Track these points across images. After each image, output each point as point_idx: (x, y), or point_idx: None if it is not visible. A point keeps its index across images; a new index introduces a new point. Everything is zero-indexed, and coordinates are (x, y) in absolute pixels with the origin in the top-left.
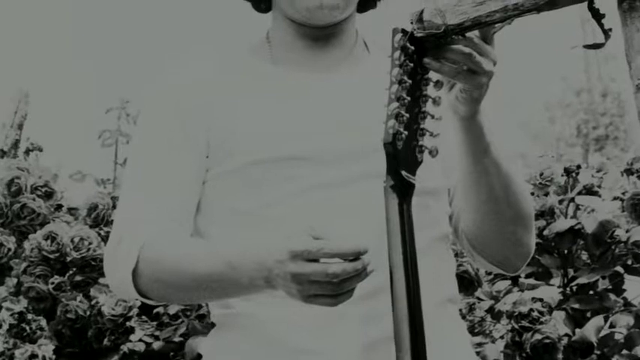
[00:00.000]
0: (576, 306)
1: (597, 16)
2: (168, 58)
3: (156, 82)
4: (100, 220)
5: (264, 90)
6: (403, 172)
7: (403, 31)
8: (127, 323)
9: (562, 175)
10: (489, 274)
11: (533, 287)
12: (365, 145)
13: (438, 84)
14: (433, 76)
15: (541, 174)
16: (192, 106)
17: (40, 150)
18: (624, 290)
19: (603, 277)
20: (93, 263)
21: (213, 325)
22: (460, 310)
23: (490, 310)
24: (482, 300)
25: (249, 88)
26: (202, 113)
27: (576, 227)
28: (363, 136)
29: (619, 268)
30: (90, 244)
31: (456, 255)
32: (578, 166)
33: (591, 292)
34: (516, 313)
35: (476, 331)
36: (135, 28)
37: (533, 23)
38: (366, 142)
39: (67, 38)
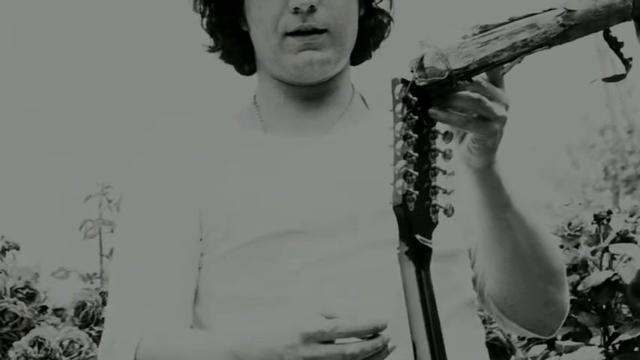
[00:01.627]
0: None
1: (615, 45)
2: (148, 134)
3: (138, 163)
4: (89, 319)
5: (256, 161)
6: (418, 236)
7: (403, 81)
8: None
9: (592, 224)
10: (522, 339)
11: (571, 349)
12: (371, 211)
13: (448, 136)
14: (441, 127)
15: (569, 224)
16: (179, 187)
17: (17, 248)
18: None
19: None
20: None
21: None
22: None
23: None
24: None
25: (239, 161)
26: (191, 194)
27: (613, 279)
28: (369, 201)
29: None
30: (81, 346)
31: (484, 321)
32: (609, 212)
33: (636, 349)
34: None
35: None
36: (109, 105)
37: (545, 59)
38: (373, 206)
39: (34, 122)
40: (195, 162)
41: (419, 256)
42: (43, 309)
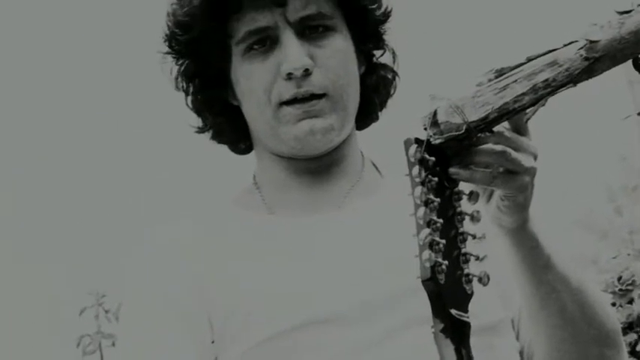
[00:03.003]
0: None
1: None
2: (146, 237)
3: (136, 269)
4: None
5: (263, 248)
6: (453, 311)
7: (417, 140)
8: None
9: None
10: None
11: None
12: (398, 290)
13: (473, 196)
14: (465, 187)
15: (619, 278)
16: (182, 291)
17: None
18: None
19: None
20: None
21: None
22: None
23: None
24: None
25: (244, 251)
26: (196, 296)
27: None
28: (394, 279)
29: None
30: None
31: None
32: None
33: None
34: None
35: None
36: (93, 207)
37: (570, 97)
38: (399, 285)
39: (12, 231)
40: (198, 261)
41: (457, 333)
42: None
